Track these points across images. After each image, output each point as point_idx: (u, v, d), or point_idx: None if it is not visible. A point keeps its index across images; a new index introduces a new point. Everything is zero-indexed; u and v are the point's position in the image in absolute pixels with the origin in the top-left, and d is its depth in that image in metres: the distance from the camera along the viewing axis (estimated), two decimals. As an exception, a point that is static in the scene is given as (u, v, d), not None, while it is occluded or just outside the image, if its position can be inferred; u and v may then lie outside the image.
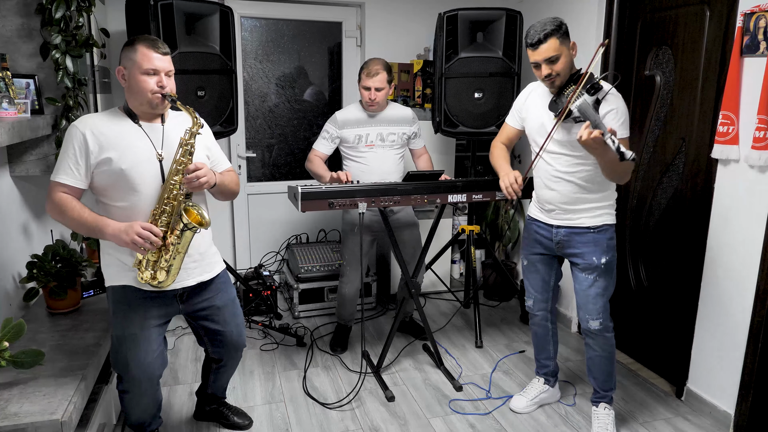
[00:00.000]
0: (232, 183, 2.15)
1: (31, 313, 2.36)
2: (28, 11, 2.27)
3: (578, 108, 2.07)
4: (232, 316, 2.22)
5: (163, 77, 1.88)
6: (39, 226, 2.58)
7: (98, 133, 1.86)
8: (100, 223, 1.84)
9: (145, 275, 1.89)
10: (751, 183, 2.34)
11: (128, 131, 1.91)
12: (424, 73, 4.03)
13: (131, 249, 1.84)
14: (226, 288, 2.21)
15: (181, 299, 2.08)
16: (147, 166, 1.90)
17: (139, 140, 1.91)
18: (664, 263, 2.90)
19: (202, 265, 2.08)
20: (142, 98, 1.89)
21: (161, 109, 1.94)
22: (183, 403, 2.69)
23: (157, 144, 1.94)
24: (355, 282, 3.16)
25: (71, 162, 1.84)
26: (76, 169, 1.85)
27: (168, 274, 1.90)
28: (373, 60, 2.96)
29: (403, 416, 2.63)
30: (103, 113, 1.97)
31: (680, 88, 2.75)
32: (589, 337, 2.42)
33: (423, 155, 3.26)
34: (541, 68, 2.17)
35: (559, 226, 2.36)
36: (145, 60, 1.85)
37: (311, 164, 3.06)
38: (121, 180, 1.87)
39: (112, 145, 1.86)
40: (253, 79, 4.01)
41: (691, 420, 2.61)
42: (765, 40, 2.21)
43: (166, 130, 1.98)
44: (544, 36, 2.10)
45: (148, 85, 1.86)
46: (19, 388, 1.79)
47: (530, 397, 2.68)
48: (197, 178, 1.88)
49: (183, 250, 1.91)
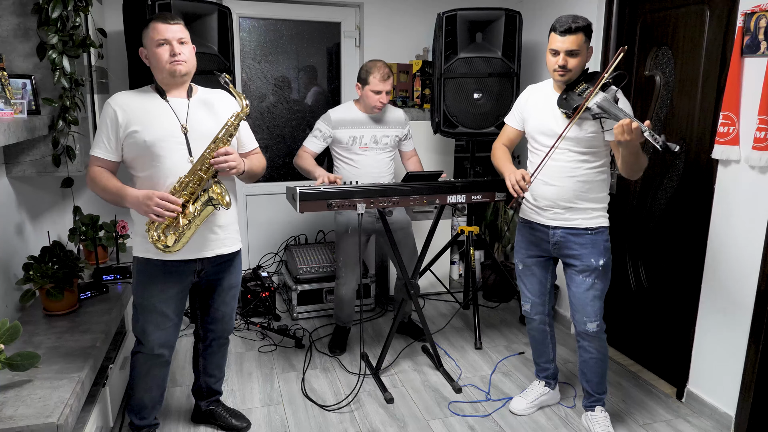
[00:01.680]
0: (258, 167, 2.25)
1: (27, 314, 2.34)
2: (25, 11, 2.26)
3: (598, 104, 2.08)
4: (231, 299, 2.32)
5: (174, 45, 1.96)
6: (35, 228, 2.56)
7: (127, 108, 1.98)
8: (122, 192, 1.94)
9: (153, 236, 1.97)
10: (751, 184, 2.33)
11: (155, 106, 2.01)
12: (423, 73, 4.02)
13: (149, 217, 1.92)
14: (237, 272, 2.31)
15: (199, 274, 2.16)
16: (170, 139, 1.99)
17: (163, 114, 2.01)
18: (664, 264, 2.89)
19: (221, 238, 2.15)
20: (163, 70, 1.98)
21: (180, 78, 2.01)
22: (180, 405, 2.67)
23: (182, 117, 2.03)
24: (351, 283, 3.14)
25: (104, 136, 1.98)
26: (108, 142, 1.98)
27: (177, 241, 1.97)
28: (380, 63, 2.94)
29: (402, 418, 2.61)
30: (135, 91, 2.08)
31: (680, 89, 2.74)
32: (585, 340, 2.41)
33: (413, 157, 3.25)
34: (558, 56, 2.17)
35: (556, 227, 2.35)
36: (156, 33, 1.95)
37: (300, 160, 3.04)
38: (146, 152, 1.97)
39: (139, 119, 1.97)
40: (251, 80, 4.00)
41: (692, 422, 2.60)
42: (765, 40, 2.20)
43: (191, 104, 2.07)
44: (575, 27, 2.11)
45: (163, 55, 1.96)
46: (14, 390, 1.77)
47: (530, 399, 2.67)
48: (225, 161, 1.95)
49: (200, 222, 1.99)
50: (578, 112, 2.13)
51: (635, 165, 2.11)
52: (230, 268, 2.25)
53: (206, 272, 2.18)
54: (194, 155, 2.00)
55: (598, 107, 2.08)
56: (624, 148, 2.04)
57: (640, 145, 2.02)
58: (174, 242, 1.96)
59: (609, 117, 2.05)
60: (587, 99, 2.10)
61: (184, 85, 2.07)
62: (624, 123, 1.92)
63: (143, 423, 2.31)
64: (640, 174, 2.19)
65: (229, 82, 2.04)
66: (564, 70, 2.18)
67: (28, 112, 2.22)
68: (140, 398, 2.26)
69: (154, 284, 2.09)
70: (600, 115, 2.10)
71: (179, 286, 2.13)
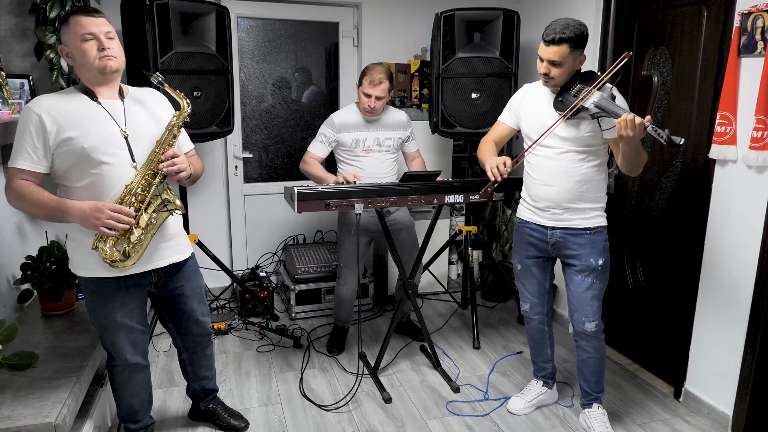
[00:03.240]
0: (200, 169, 2.12)
1: (25, 314, 2.34)
2: (23, 11, 2.26)
3: (596, 104, 2.09)
4: (199, 303, 2.22)
5: (103, 39, 1.80)
6: (33, 228, 2.56)
7: (55, 113, 1.78)
8: (62, 205, 1.77)
9: (107, 252, 1.82)
10: (748, 183, 2.34)
11: (87, 109, 1.84)
12: (421, 73, 4.02)
13: (99, 232, 1.77)
14: (196, 276, 2.20)
15: (156, 285, 2.06)
16: (112, 144, 1.83)
17: (100, 117, 1.84)
18: (661, 264, 2.90)
19: (173, 246, 2.05)
20: (90, 68, 1.82)
21: (110, 76, 1.86)
22: (179, 405, 2.67)
23: (120, 120, 1.87)
24: (352, 283, 3.15)
25: (28, 146, 1.77)
26: (33, 152, 1.77)
27: (132, 255, 1.84)
28: (377, 67, 2.93)
29: (400, 418, 2.62)
30: (58, 93, 1.88)
31: (678, 89, 2.75)
32: (583, 340, 2.41)
33: (416, 158, 3.26)
34: (542, 64, 2.19)
35: (555, 227, 2.35)
36: (80, 27, 1.78)
37: (308, 166, 3.03)
38: (85, 159, 1.80)
39: (72, 124, 1.79)
40: (249, 80, 4.00)
41: (689, 421, 2.60)
42: (762, 40, 2.21)
43: (126, 105, 1.92)
44: (559, 39, 2.10)
45: (90, 51, 1.79)
46: (12, 390, 1.78)
47: (528, 398, 2.67)
48: (173, 164, 1.85)
49: (155, 231, 1.89)
50: (571, 109, 2.14)
51: (636, 161, 2.12)
52: (188, 273, 2.14)
53: (164, 282, 2.07)
54: (138, 160, 1.87)
55: (596, 106, 2.09)
56: (625, 144, 2.04)
57: (640, 140, 2.03)
58: (127, 256, 1.83)
59: (608, 115, 2.06)
60: (582, 99, 2.11)
61: (114, 84, 1.91)
62: (627, 119, 1.93)
63: (138, 426, 2.24)
64: (640, 170, 2.19)
65: (163, 81, 1.91)
66: (546, 77, 2.21)
67: (25, 113, 2.21)
68: (129, 405, 2.18)
69: (112, 302, 1.95)
70: (599, 114, 2.10)
71: (138, 297, 2.02)
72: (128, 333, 2.02)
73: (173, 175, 1.88)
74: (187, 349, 2.31)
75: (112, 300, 1.95)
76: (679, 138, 1.86)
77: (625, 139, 2.00)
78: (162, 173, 1.86)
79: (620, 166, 2.18)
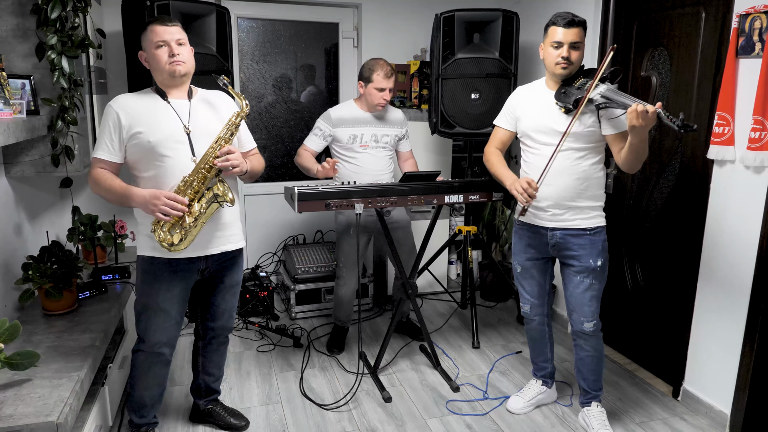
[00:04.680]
0: (258, 166, 2.30)
1: (26, 314, 2.35)
2: (24, 11, 2.26)
3: (602, 94, 2.10)
4: (232, 296, 2.35)
5: (173, 46, 2.00)
6: (34, 228, 2.57)
7: (130, 110, 2.01)
8: (128, 192, 1.97)
9: (160, 234, 1.99)
10: (746, 184, 2.35)
11: (157, 107, 2.04)
12: (420, 74, 4.03)
13: (155, 216, 1.94)
14: (239, 270, 2.34)
15: (203, 273, 2.19)
16: (174, 139, 2.01)
17: (166, 115, 2.04)
18: (660, 264, 2.91)
19: (226, 235, 2.18)
20: (162, 72, 2.02)
21: (179, 79, 2.04)
22: (179, 404, 2.68)
23: (184, 118, 2.06)
24: (351, 283, 3.15)
25: (107, 138, 2.00)
26: (110, 144, 2.00)
27: (184, 239, 1.99)
28: (382, 61, 2.96)
29: (400, 417, 2.63)
30: (136, 93, 2.11)
31: (676, 89, 2.76)
32: (581, 339, 2.42)
33: (409, 159, 3.26)
34: (561, 48, 2.19)
35: (554, 228, 2.35)
36: (154, 35, 1.99)
37: (300, 158, 3.06)
38: (150, 152, 2.00)
39: (142, 120, 2.00)
40: (249, 80, 4.01)
41: (688, 420, 2.62)
42: (760, 41, 2.22)
43: (192, 105, 2.10)
44: (577, 21, 2.16)
45: (162, 57, 2.00)
46: (14, 389, 1.78)
47: (527, 397, 2.68)
48: (227, 160, 1.99)
49: (205, 220, 2.02)
50: (582, 103, 2.14)
51: (641, 154, 2.11)
52: (233, 265, 2.28)
53: (209, 270, 2.20)
54: (197, 155, 2.03)
55: (602, 97, 2.10)
56: (635, 135, 2.02)
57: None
58: (180, 240, 1.99)
59: (616, 106, 2.06)
60: (589, 90, 2.12)
61: (184, 86, 2.11)
62: (637, 108, 1.92)
63: (142, 421, 2.31)
64: (640, 166, 2.19)
65: (228, 83, 2.09)
66: (567, 62, 2.20)
67: (27, 113, 2.22)
68: (140, 396, 2.26)
69: (159, 282, 2.11)
70: (605, 105, 2.10)
71: (183, 284, 2.15)
72: (165, 319, 2.15)
73: (228, 170, 2.02)
74: (205, 337, 2.40)
75: (159, 281, 2.11)
76: (692, 123, 1.86)
77: (636, 130, 1.98)
78: (217, 168, 2.00)
79: (622, 161, 2.17)
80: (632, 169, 2.19)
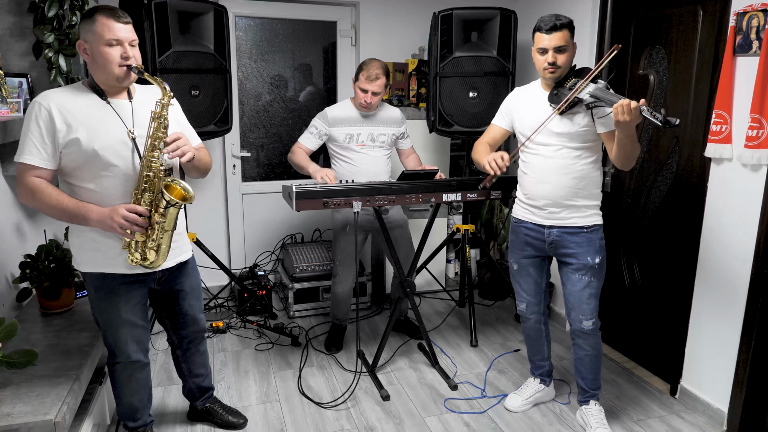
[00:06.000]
0: (206, 157, 2.11)
1: (24, 313, 2.35)
2: (21, 10, 2.26)
3: (591, 93, 2.12)
4: (196, 299, 2.25)
5: (127, 47, 1.79)
6: (32, 226, 2.57)
7: (64, 110, 1.77)
8: (83, 210, 1.78)
9: (135, 257, 1.86)
10: (744, 182, 2.35)
11: (96, 108, 1.83)
12: (418, 72, 4.03)
13: (119, 234, 1.80)
14: (195, 273, 2.24)
15: (159, 281, 2.08)
16: (119, 145, 1.83)
17: (108, 118, 1.83)
18: (658, 262, 2.91)
19: (180, 245, 2.08)
20: (108, 71, 1.80)
21: (127, 82, 1.86)
22: (177, 403, 2.68)
23: (128, 121, 1.87)
24: (348, 281, 3.15)
25: (36, 141, 1.75)
26: (42, 148, 1.76)
27: (158, 253, 1.88)
28: (374, 62, 2.94)
29: (399, 415, 2.63)
30: (67, 88, 1.86)
31: (674, 88, 2.76)
32: (580, 338, 2.43)
33: (411, 155, 3.26)
34: (547, 54, 2.20)
35: (552, 226, 2.36)
36: (106, 30, 1.76)
37: (293, 155, 3.05)
38: (93, 160, 1.80)
39: (81, 123, 1.78)
40: (247, 79, 4.00)
41: (685, 418, 2.62)
42: (757, 39, 2.22)
43: (134, 106, 1.91)
44: (560, 24, 2.16)
45: (112, 56, 1.77)
46: (11, 388, 1.78)
47: (525, 396, 2.69)
48: (178, 147, 1.82)
49: (170, 228, 1.88)
50: (567, 100, 2.16)
51: (631, 151, 2.13)
52: (188, 271, 2.18)
53: (166, 279, 2.10)
54: None
55: (591, 96, 2.12)
56: (622, 131, 2.04)
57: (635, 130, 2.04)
58: (156, 256, 1.88)
59: (604, 104, 2.08)
60: (577, 90, 2.13)
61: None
62: (622, 104, 1.94)
63: (138, 424, 2.24)
64: (633, 163, 2.20)
65: (142, 70, 1.82)
66: (554, 67, 2.21)
67: (24, 111, 2.22)
68: (129, 403, 2.19)
69: (116, 296, 1.96)
70: (594, 104, 2.12)
71: (142, 293, 2.04)
72: (132, 329, 2.03)
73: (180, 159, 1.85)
74: (182, 345, 2.33)
75: (117, 295, 1.96)
76: (674, 119, 1.88)
77: (621, 125, 2.00)
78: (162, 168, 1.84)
79: (614, 158, 2.18)
80: (625, 166, 2.20)
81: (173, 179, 1.90)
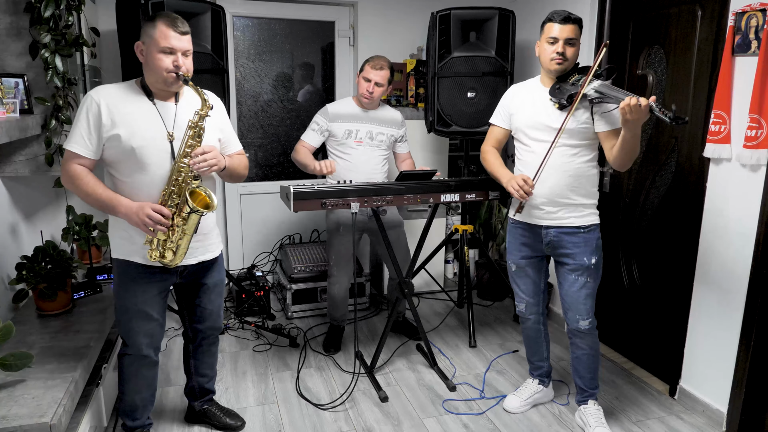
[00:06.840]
0: (240, 166, 2.19)
1: (20, 314, 2.34)
2: (17, 9, 2.25)
3: (596, 89, 2.11)
4: (217, 296, 2.29)
5: (179, 57, 1.89)
6: (28, 227, 2.55)
7: (112, 106, 1.88)
8: (114, 201, 1.88)
9: (154, 254, 1.93)
10: (743, 182, 2.35)
11: (141, 109, 1.93)
12: (417, 72, 4.02)
13: (141, 230, 1.88)
14: (220, 270, 2.29)
15: (181, 275, 2.13)
16: (157, 146, 1.92)
17: (151, 119, 1.93)
18: (656, 262, 2.91)
19: (205, 245, 2.13)
20: (158, 76, 1.90)
21: (175, 88, 1.96)
22: (175, 405, 2.67)
23: (169, 124, 1.95)
24: (344, 282, 3.15)
25: (84, 132, 1.87)
26: (88, 139, 1.87)
27: (175, 254, 1.95)
28: (380, 56, 2.99)
29: (397, 416, 2.62)
30: (120, 85, 1.97)
31: (672, 88, 2.76)
32: (577, 337, 2.42)
33: (407, 160, 3.26)
34: (557, 44, 2.21)
35: (549, 226, 2.35)
36: (162, 38, 1.85)
37: (297, 154, 3.06)
38: (131, 157, 1.90)
39: (124, 121, 1.88)
40: (245, 79, 3.99)
41: (684, 418, 2.62)
42: (756, 39, 2.22)
43: (178, 110, 1.99)
44: (573, 18, 2.18)
45: (163, 63, 1.87)
46: (7, 390, 1.77)
47: (524, 397, 2.68)
48: (204, 161, 1.90)
49: (190, 232, 1.95)
50: (577, 97, 2.15)
51: (633, 151, 2.12)
52: (213, 266, 2.23)
53: (189, 272, 2.15)
54: None
55: (596, 92, 2.11)
56: (628, 130, 2.02)
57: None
58: (173, 256, 1.94)
59: (610, 100, 2.07)
60: (584, 86, 2.13)
61: None
62: (630, 102, 1.91)
63: (136, 424, 2.26)
64: (630, 164, 2.20)
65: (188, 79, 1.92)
66: (562, 57, 2.21)
67: (20, 112, 2.21)
68: (131, 400, 2.21)
69: (136, 285, 2.04)
70: (599, 100, 2.11)
71: (161, 286, 2.09)
72: (146, 322, 2.09)
73: (205, 171, 1.93)
74: (195, 340, 2.36)
75: (136, 283, 2.04)
76: (684, 117, 1.86)
77: (629, 124, 1.99)
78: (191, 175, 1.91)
79: (613, 158, 2.17)
80: (623, 166, 2.19)
81: (199, 185, 1.96)
